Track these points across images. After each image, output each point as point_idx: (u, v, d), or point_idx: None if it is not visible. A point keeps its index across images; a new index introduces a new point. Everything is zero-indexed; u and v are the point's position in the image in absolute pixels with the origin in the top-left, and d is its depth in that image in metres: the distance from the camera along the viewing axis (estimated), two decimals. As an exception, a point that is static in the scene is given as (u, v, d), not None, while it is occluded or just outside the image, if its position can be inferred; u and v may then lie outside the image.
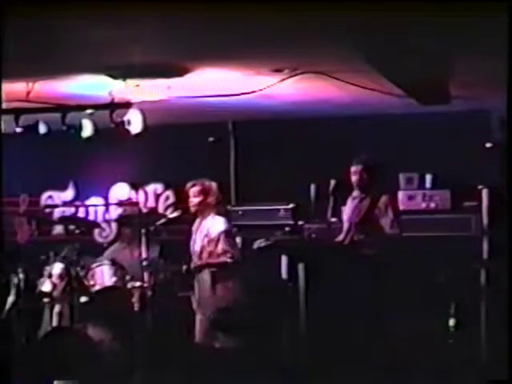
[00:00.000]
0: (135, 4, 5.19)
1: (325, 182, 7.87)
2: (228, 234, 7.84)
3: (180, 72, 7.48)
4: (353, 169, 7.84)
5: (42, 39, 6.19)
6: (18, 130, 8.31)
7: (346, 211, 7.92)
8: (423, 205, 8.88)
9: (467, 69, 6.96)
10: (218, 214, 8.01)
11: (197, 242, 7.90)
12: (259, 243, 7.75)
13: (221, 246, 7.76)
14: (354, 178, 7.84)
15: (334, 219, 7.87)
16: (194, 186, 7.96)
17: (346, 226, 7.84)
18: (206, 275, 7.71)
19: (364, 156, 7.89)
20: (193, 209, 7.95)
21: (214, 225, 7.86)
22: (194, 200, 7.91)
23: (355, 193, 7.90)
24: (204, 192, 7.93)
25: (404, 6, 4.92)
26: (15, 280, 8.03)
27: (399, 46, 5.89)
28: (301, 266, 7.32)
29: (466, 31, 5.27)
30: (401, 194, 9.15)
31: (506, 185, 4.56)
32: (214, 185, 8.07)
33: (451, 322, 7.81)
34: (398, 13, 5.10)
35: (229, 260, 7.67)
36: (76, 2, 5.12)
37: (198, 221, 8.01)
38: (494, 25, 4.56)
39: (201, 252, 7.83)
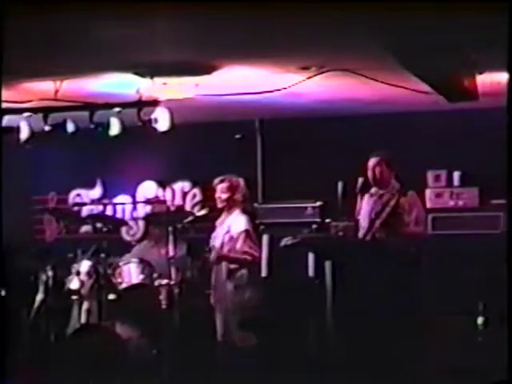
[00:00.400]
0: (162, 2, 5.22)
1: (352, 180, 7.88)
2: (248, 234, 7.81)
3: (207, 70, 7.50)
4: (370, 163, 7.83)
5: (70, 38, 6.23)
6: (47, 128, 8.35)
7: (365, 208, 7.90)
8: (451, 202, 8.85)
9: (494, 65, 6.94)
10: (244, 211, 8.01)
11: (218, 238, 7.89)
12: (286, 241, 7.75)
13: (239, 246, 7.73)
14: (370, 173, 7.82)
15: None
16: (221, 182, 7.94)
17: (365, 222, 7.82)
18: (224, 271, 7.70)
19: (381, 150, 7.88)
20: (220, 205, 7.94)
21: (236, 223, 7.84)
22: (222, 196, 7.89)
23: (373, 189, 7.87)
24: (232, 188, 7.91)
25: (430, 5, 4.93)
26: (44, 277, 8.09)
27: (426, 42, 5.87)
28: (328, 264, 7.32)
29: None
30: (428, 192, 9.13)
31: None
32: (241, 181, 8.07)
33: (479, 321, 7.79)
34: (424, 10, 5.10)
35: (248, 258, 7.66)
36: (104, 1, 5.16)
37: (222, 216, 8.01)
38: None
39: (220, 247, 7.81)
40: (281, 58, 7.21)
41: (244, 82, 7.98)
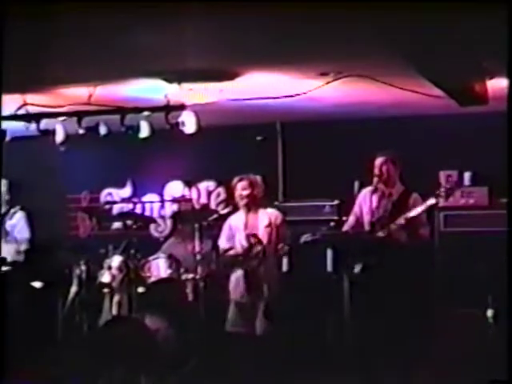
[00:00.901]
0: (188, 13, 5.22)
1: (368, 180, 7.86)
2: (285, 222, 7.86)
3: (231, 76, 7.50)
4: (377, 161, 7.81)
5: (103, 47, 6.24)
6: (81, 131, 8.37)
7: (368, 204, 7.88)
8: (462, 201, 8.81)
9: (504, 71, 6.90)
10: (265, 206, 8.02)
11: (256, 230, 7.85)
12: (306, 237, 7.76)
13: (281, 233, 7.77)
14: (377, 171, 7.80)
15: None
16: (241, 180, 7.97)
17: (373, 219, 7.80)
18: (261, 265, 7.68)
19: (389, 150, 7.86)
20: (241, 202, 7.95)
21: (271, 215, 7.87)
22: (243, 193, 7.91)
23: (379, 186, 7.85)
24: (251, 185, 7.94)
25: (443, 14, 4.90)
26: (77, 271, 8.11)
27: (439, 49, 5.84)
28: (345, 259, 7.31)
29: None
30: (441, 191, 9.09)
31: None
32: (258, 178, 8.10)
33: (489, 313, 7.74)
34: (437, 19, 5.07)
35: (286, 247, 7.67)
36: (137, 11, 5.16)
37: (243, 215, 7.98)
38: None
39: (257, 242, 7.78)
40: (301, 65, 7.21)
41: (266, 87, 7.97)
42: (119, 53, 6.47)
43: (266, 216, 7.88)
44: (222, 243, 8.02)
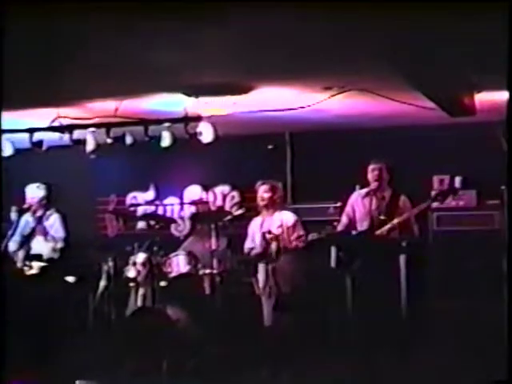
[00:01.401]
0: (206, 33, 5.26)
1: (367, 184, 7.89)
2: (300, 222, 7.88)
3: (244, 90, 7.51)
4: (372, 166, 7.84)
5: (129, 64, 6.28)
6: (109, 140, 8.40)
7: (365, 205, 7.90)
8: (453, 203, 8.79)
9: (490, 86, 6.92)
10: (281, 209, 8.03)
11: (261, 233, 7.90)
12: (312, 236, 7.75)
13: (297, 232, 7.78)
14: (373, 176, 7.83)
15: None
16: (263, 184, 7.99)
17: (367, 220, 7.82)
18: (279, 261, 7.68)
19: (383, 157, 7.88)
20: (261, 203, 7.95)
21: (287, 216, 7.89)
22: (264, 196, 7.92)
23: (369, 190, 7.88)
24: (272, 190, 7.96)
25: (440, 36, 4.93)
26: (106, 267, 8.12)
27: (433, 66, 5.86)
28: (347, 256, 7.33)
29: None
30: (434, 193, 9.11)
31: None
32: (279, 184, 8.13)
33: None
34: (432, 39, 5.10)
35: (301, 244, 7.70)
36: (159, 32, 5.20)
37: (261, 217, 8.01)
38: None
39: (274, 241, 7.78)
40: (307, 80, 7.21)
41: (275, 100, 7.98)
42: (143, 70, 6.50)
43: (279, 217, 7.89)
44: (247, 244, 8.07)
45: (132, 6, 4.53)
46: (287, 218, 7.89)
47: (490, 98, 7.29)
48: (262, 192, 7.94)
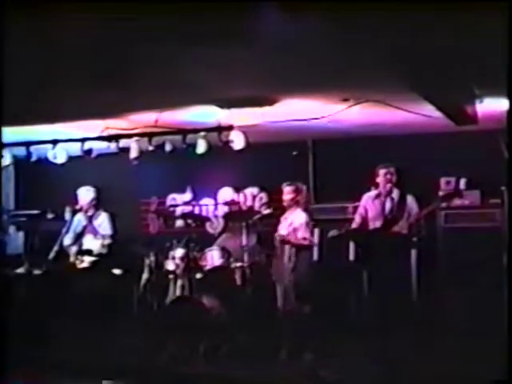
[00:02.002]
0: (236, 52, 5.27)
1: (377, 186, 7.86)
2: (307, 225, 7.84)
3: (270, 102, 7.50)
4: (384, 170, 7.81)
5: (169, 80, 6.30)
6: (151, 148, 8.43)
7: (377, 206, 7.86)
8: (458, 202, 8.72)
9: (491, 96, 6.87)
10: (304, 210, 8.01)
11: (283, 229, 7.89)
12: (333, 233, 7.74)
13: (301, 234, 7.77)
14: (384, 179, 7.80)
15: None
16: (289, 185, 7.98)
17: (380, 219, 7.78)
18: (291, 256, 7.68)
19: (395, 161, 7.86)
20: (285, 203, 7.95)
21: (298, 217, 7.87)
22: (288, 196, 7.91)
23: (379, 192, 7.86)
24: (297, 191, 7.95)
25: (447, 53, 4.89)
26: (148, 261, 8.18)
27: (441, 79, 5.82)
28: (364, 250, 7.30)
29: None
30: (441, 194, 9.05)
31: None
32: (304, 187, 8.12)
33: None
34: (440, 54, 5.07)
35: (306, 244, 7.69)
36: (197, 51, 5.22)
37: (287, 213, 8.04)
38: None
39: (286, 235, 7.79)
40: (327, 92, 7.18)
41: (299, 111, 7.96)
42: (180, 85, 6.52)
43: (293, 216, 7.87)
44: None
45: (173, 29, 4.56)
46: (298, 220, 7.86)
47: (490, 107, 7.21)
48: (286, 193, 7.94)
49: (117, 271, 8.26)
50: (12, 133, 8.77)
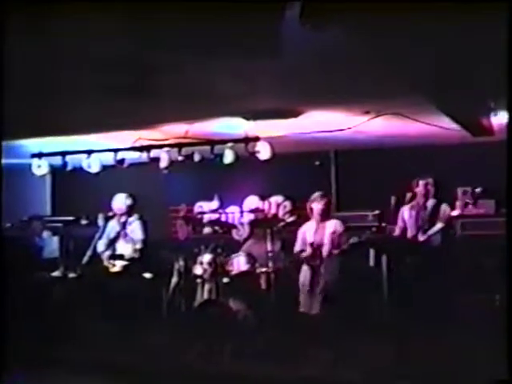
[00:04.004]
0: (262, 67, 5.32)
1: (401, 195, 7.85)
2: (342, 233, 7.86)
3: (294, 114, 7.54)
4: (420, 182, 7.83)
5: (199, 94, 6.37)
6: (180, 158, 8.50)
7: (411, 215, 7.86)
8: (474, 211, 8.70)
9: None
10: (331, 217, 8.00)
11: (323, 236, 7.82)
12: (353, 240, 7.72)
13: (344, 238, 7.77)
14: (419, 190, 7.81)
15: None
16: (316, 196, 7.95)
17: (414, 227, 7.78)
18: (331, 260, 7.67)
19: (427, 174, 7.86)
20: (315, 213, 7.90)
21: (339, 224, 7.86)
22: (318, 206, 7.87)
23: (416, 202, 7.85)
24: (324, 201, 7.91)
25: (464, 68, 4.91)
26: (177, 266, 8.21)
27: (458, 92, 5.83)
28: (384, 257, 7.28)
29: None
30: (458, 203, 9.04)
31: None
32: (329, 196, 8.12)
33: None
34: (457, 69, 5.08)
35: (346, 247, 7.69)
36: (223, 65, 5.27)
37: (314, 223, 7.93)
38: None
39: (331, 243, 7.76)
40: (349, 105, 7.22)
41: (322, 123, 7.99)
42: (209, 98, 6.58)
43: (332, 224, 7.88)
44: (297, 246, 8.00)
45: (202, 42, 4.61)
46: (339, 225, 7.87)
47: (506, 119, 7.21)
48: (316, 203, 7.90)
49: (147, 275, 8.29)
50: (49, 143, 8.93)
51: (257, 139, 8.14)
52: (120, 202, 8.65)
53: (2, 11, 3.79)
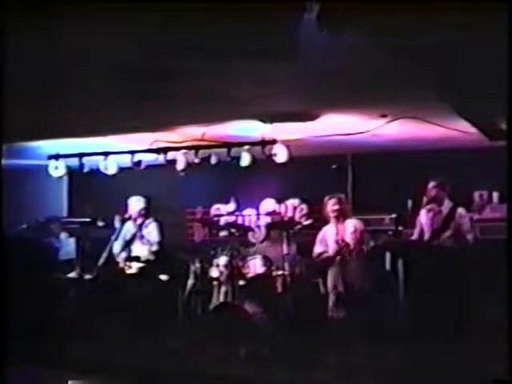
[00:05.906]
0: (280, 70, 5.34)
1: (418, 199, 7.82)
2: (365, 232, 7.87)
3: (311, 117, 7.55)
4: (429, 185, 7.79)
5: (215, 98, 6.40)
6: (197, 160, 8.53)
7: (425, 219, 7.83)
8: (491, 215, 8.67)
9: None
10: (349, 217, 7.98)
11: (345, 236, 7.77)
12: (370, 244, 7.72)
13: (366, 235, 7.74)
14: (432, 193, 7.77)
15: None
16: (332, 198, 7.94)
17: (429, 231, 7.76)
18: (352, 262, 7.66)
19: (440, 177, 7.83)
20: (332, 214, 7.89)
21: (358, 223, 7.85)
22: (334, 207, 7.86)
23: (431, 206, 7.81)
24: (340, 202, 7.91)
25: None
26: (193, 268, 8.22)
27: (475, 97, 5.82)
28: (400, 261, 7.27)
29: None
30: (474, 207, 9.02)
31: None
32: (345, 197, 8.11)
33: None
34: (473, 75, 5.07)
35: (365, 248, 7.67)
36: (240, 70, 5.29)
37: (333, 225, 7.91)
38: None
39: (357, 242, 7.74)
40: (366, 109, 7.23)
41: (339, 126, 7.99)
42: (226, 101, 6.61)
43: (352, 224, 7.87)
44: (317, 249, 7.97)
45: (220, 45, 4.64)
46: (359, 223, 7.86)
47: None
48: (332, 205, 7.89)
49: (163, 277, 8.32)
50: (66, 145, 8.98)
51: (274, 142, 8.15)
52: (136, 203, 8.68)
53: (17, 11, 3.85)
